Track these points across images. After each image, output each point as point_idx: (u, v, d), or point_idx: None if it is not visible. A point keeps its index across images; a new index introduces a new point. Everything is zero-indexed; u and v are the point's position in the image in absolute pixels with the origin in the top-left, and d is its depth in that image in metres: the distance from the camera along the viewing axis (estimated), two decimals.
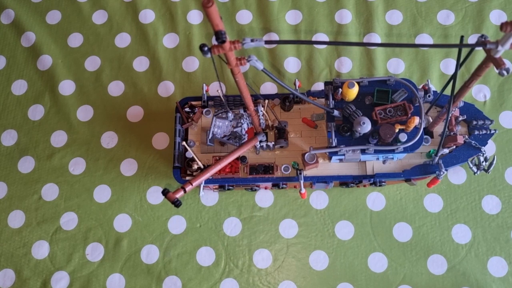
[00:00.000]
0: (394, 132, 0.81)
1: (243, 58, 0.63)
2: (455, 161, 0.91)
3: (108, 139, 1.18)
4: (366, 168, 0.95)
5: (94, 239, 1.09)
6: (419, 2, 1.27)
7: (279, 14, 1.27)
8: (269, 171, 0.94)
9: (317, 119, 0.98)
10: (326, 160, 0.95)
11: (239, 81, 0.70)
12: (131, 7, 1.31)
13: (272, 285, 1.04)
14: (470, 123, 0.93)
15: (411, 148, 0.83)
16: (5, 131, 1.20)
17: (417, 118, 0.80)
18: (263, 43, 0.60)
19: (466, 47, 0.64)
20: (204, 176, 0.86)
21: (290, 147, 0.97)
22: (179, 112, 0.98)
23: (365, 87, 0.87)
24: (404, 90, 0.85)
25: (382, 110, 0.83)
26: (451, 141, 0.90)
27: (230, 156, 0.89)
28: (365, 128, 0.80)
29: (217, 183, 0.95)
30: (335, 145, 0.84)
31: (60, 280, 1.07)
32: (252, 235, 1.08)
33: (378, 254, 1.05)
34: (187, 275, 1.06)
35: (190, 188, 0.83)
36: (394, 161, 0.94)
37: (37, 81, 1.25)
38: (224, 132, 0.94)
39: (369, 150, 0.83)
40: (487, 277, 1.01)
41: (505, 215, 1.06)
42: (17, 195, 1.14)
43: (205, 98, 0.99)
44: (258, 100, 0.98)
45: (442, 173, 0.89)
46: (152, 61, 1.25)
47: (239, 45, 0.59)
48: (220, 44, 0.57)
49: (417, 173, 0.92)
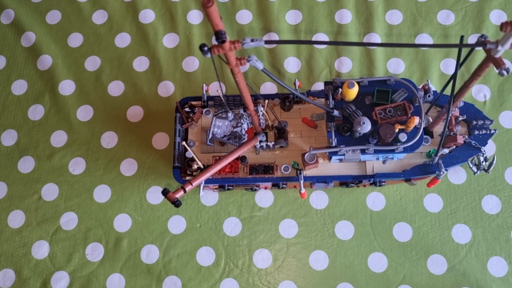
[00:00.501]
0: (394, 132, 0.81)
1: (243, 58, 0.63)
2: (455, 161, 0.91)
3: (108, 139, 1.18)
4: (366, 168, 0.95)
5: (94, 239, 1.09)
6: (419, 2, 1.27)
7: (279, 14, 1.27)
8: (269, 171, 0.94)
9: (317, 119, 0.98)
10: (326, 160, 0.95)
11: (239, 81, 0.70)
12: (131, 7, 1.31)
13: (272, 285, 1.04)
14: (470, 123, 0.93)
15: (411, 148, 0.83)
16: (5, 131, 1.20)
17: (417, 118, 0.80)
18: (263, 43, 0.60)
19: (466, 47, 0.64)
20: (204, 176, 0.86)
21: (290, 147, 0.97)
22: (179, 112, 0.98)
23: (365, 87, 0.87)
24: (404, 90, 0.85)
25: (382, 110, 0.84)
26: (451, 141, 0.90)
27: (230, 156, 0.89)
28: (365, 128, 0.80)
29: (217, 183, 0.96)
30: (335, 145, 0.84)
31: (60, 280, 1.07)
32: (252, 235, 1.08)
33: (378, 254, 1.05)
34: (187, 275, 1.06)
35: (190, 188, 0.83)
36: (394, 161, 0.94)
37: (37, 81, 1.25)
38: (224, 132, 0.94)
39: (369, 150, 0.83)
40: (487, 277, 1.01)
41: (505, 215, 1.06)
42: (17, 195, 1.14)
43: (205, 98, 0.99)
44: (258, 100, 0.98)
45: (442, 173, 0.89)
46: (152, 61, 1.25)
47: (239, 45, 0.59)
48: (220, 44, 0.57)
49: (417, 173, 0.92)
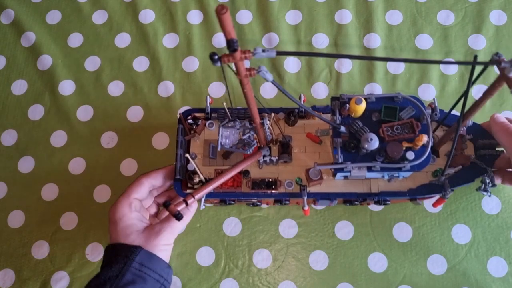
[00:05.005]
0: (402, 150, 0.79)
1: (252, 69, 0.61)
2: (461, 181, 0.89)
3: (108, 139, 1.18)
4: (370, 186, 0.93)
5: (94, 239, 1.09)
6: (419, 2, 1.27)
7: (279, 14, 1.27)
8: (272, 186, 0.92)
9: (322, 134, 0.96)
10: (330, 177, 0.93)
11: (247, 92, 0.68)
12: (131, 7, 1.32)
13: (272, 285, 1.04)
14: (476, 142, 0.92)
15: (418, 166, 0.81)
16: (5, 131, 1.20)
17: (425, 136, 0.78)
18: (275, 54, 0.58)
19: (480, 65, 0.62)
20: (206, 189, 0.86)
21: (294, 162, 0.95)
22: (181, 123, 0.97)
23: (372, 104, 0.86)
24: (412, 108, 0.84)
25: (389, 127, 0.82)
26: (458, 161, 0.88)
27: (233, 169, 0.89)
28: (372, 145, 0.78)
29: (219, 197, 0.94)
30: (341, 162, 0.82)
31: (60, 280, 1.07)
32: (252, 235, 1.08)
33: (378, 254, 1.05)
34: (187, 275, 1.06)
35: (192, 201, 0.83)
36: (400, 179, 0.92)
37: (37, 81, 1.25)
38: (232, 142, 0.93)
39: (376, 168, 0.81)
40: (487, 277, 1.01)
41: (505, 215, 1.06)
42: (17, 195, 1.14)
43: (208, 110, 0.97)
44: (263, 114, 0.96)
45: (448, 193, 0.87)
46: (152, 61, 1.25)
47: (250, 55, 0.57)
48: (232, 52, 0.55)
49: (423, 192, 0.90)
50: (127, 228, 0.87)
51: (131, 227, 0.87)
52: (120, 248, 0.85)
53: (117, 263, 0.83)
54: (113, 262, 0.84)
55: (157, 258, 0.86)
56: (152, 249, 0.86)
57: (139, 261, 0.84)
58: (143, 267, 0.84)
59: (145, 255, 0.85)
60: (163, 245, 0.88)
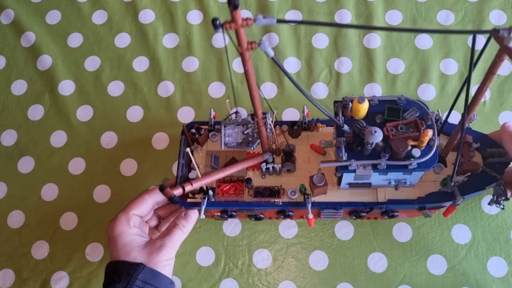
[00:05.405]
0: (407, 146, 0.77)
1: (254, 42, 0.61)
2: (472, 189, 0.87)
3: (108, 139, 1.18)
4: (377, 195, 0.91)
5: (94, 239, 1.09)
6: (419, 2, 1.27)
7: (279, 14, 1.27)
8: (275, 194, 0.90)
9: (326, 145, 0.95)
10: (335, 187, 0.92)
11: (248, 70, 0.66)
12: (131, 7, 1.32)
13: (272, 285, 1.04)
14: (484, 151, 0.90)
15: (425, 164, 0.79)
16: (4, 131, 1.20)
17: (431, 131, 0.77)
18: (275, 22, 0.57)
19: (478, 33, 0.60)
20: (205, 180, 0.85)
21: (297, 172, 0.94)
22: (184, 135, 0.96)
23: (375, 106, 0.85)
24: (415, 109, 0.83)
25: (393, 126, 0.81)
26: (467, 167, 0.87)
27: (235, 166, 0.88)
28: (377, 137, 0.76)
29: (220, 206, 0.93)
30: (345, 159, 0.80)
31: (60, 280, 1.06)
32: (252, 235, 1.08)
33: (378, 254, 1.05)
34: (186, 275, 1.06)
35: (189, 188, 0.83)
36: (407, 187, 0.90)
37: (37, 81, 1.25)
38: (236, 140, 0.93)
39: (381, 165, 0.79)
40: (487, 277, 1.01)
41: (505, 215, 1.06)
42: (17, 195, 1.14)
43: (212, 122, 0.97)
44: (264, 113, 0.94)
45: (459, 200, 0.85)
46: (152, 61, 1.25)
47: (251, 22, 0.58)
48: (233, 10, 0.56)
49: (432, 200, 0.88)
50: (127, 245, 0.85)
51: (131, 244, 0.85)
52: (122, 266, 0.83)
53: (119, 281, 0.81)
54: (115, 280, 0.82)
55: (160, 275, 0.84)
56: (154, 265, 0.84)
57: (142, 279, 0.82)
58: (146, 285, 0.82)
59: (148, 272, 0.83)
60: (165, 261, 0.86)
